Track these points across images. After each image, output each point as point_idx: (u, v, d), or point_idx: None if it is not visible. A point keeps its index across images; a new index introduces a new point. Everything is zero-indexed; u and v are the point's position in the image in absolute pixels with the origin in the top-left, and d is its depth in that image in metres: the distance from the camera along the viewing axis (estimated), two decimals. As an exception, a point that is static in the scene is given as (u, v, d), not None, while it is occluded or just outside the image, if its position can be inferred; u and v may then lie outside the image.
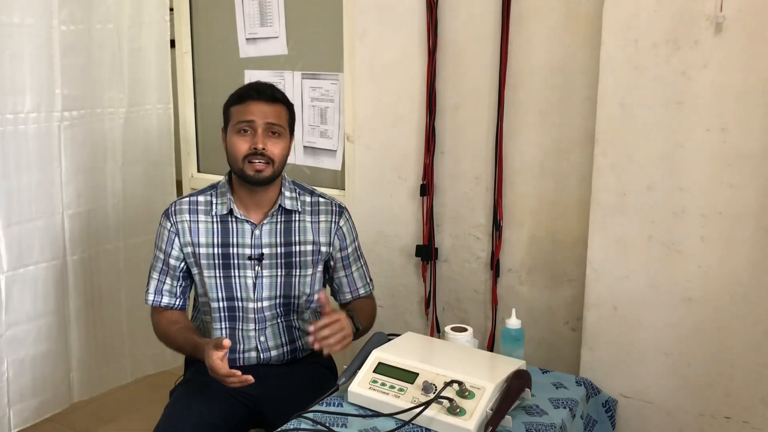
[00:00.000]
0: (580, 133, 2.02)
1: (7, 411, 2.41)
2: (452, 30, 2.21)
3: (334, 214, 1.99)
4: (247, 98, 1.87)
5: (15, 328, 2.42)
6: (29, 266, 2.45)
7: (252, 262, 1.92)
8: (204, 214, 1.93)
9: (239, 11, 2.77)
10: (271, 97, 1.88)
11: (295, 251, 1.94)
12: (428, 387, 1.59)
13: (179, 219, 1.93)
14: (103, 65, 2.63)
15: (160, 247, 1.95)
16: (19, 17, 2.32)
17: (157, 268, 1.96)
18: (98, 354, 2.75)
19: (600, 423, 1.89)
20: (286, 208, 1.94)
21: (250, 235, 1.92)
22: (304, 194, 1.99)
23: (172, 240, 1.93)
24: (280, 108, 1.90)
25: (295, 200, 1.96)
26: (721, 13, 1.62)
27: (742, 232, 1.68)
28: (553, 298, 2.16)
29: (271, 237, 1.93)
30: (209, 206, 1.93)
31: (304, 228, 1.96)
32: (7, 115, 2.32)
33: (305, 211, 1.97)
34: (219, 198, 1.93)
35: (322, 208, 1.99)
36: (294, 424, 1.57)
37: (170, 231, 1.93)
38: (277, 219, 1.94)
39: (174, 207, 1.95)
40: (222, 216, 1.92)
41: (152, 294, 1.96)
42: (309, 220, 1.97)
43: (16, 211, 2.38)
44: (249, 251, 1.91)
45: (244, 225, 1.92)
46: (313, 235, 1.96)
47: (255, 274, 1.92)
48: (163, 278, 1.95)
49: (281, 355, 1.98)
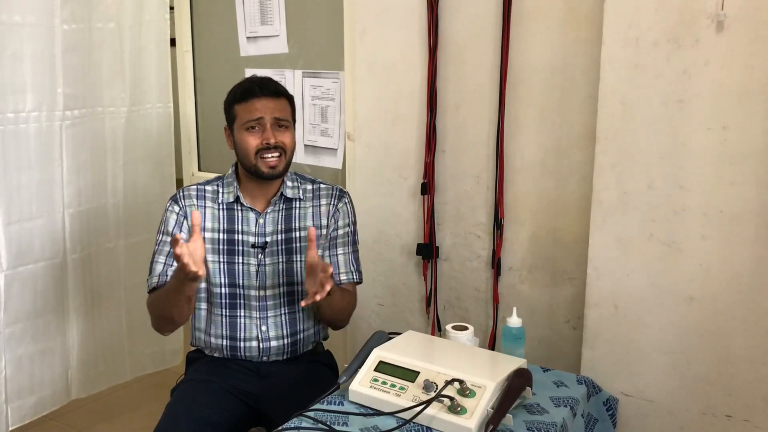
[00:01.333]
0: (581, 131, 2.02)
1: (5, 408, 2.42)
2: (453, 29, 2.20)
3: (334, 198, 2.02)
4: (251, 95, 1.90)
5: (14, 326, 2.43)
6: (29, 264, 2.45)
7: (255, 250, 1.94)
8: (211, 201, 1.97)
9: (240, 10, 2.77)
10: (275, 91, 1.92)
11: (295, 237, 1.97)
12: (429, 385, 1.59)
13: (187, 203, 1.96)
14: (104, 64, 2.63)
15: (167, 231, 1.95)
16: (21, 16, 2.32)
17: (164, 251, 1.94)
18: (97, 352, 2.75)
19: (601, 421, 1.89)
20: (287, 196, 1.97)
21: (254, 224, 1.95)
22: (305, 183, 2.03)
23: (181, 223, 1.95)
24: (284, 101, 1.94)
25: (296, 189, 1.99)
26: (722, 11, 1.61)
27: (743, 230, 1.68)
28: (554, 296, 2.16)
29: (274, 225, 1.96)
30: (216, 194, 1.97)
31: (305, 214, 1.98)
32: (8, 114, 2.32)
33: (306, 198, 2.00)
34: (225, 188, 1.98)
35: (323, 193, 2.02)
36: (295, 422, 1.57)
37: (179, 214, 1.95)
38: (279, 207, 1.97)
39: (182, 192, 1.98)
40: (228, 203, 1.96)
41: (157, 277, 1.92)
42: (310, 205, 2.00)
43: (16, 209, 2.38)
44: (253, 239, 1.94)
45: (249, 213, 1.95)
46: (313, 220, 1.98)
47: (258, 262, 1.94)
48: (170, 261, 1.92)
49: (281, 347, 1.98)
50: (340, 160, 2.61)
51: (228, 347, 1.97)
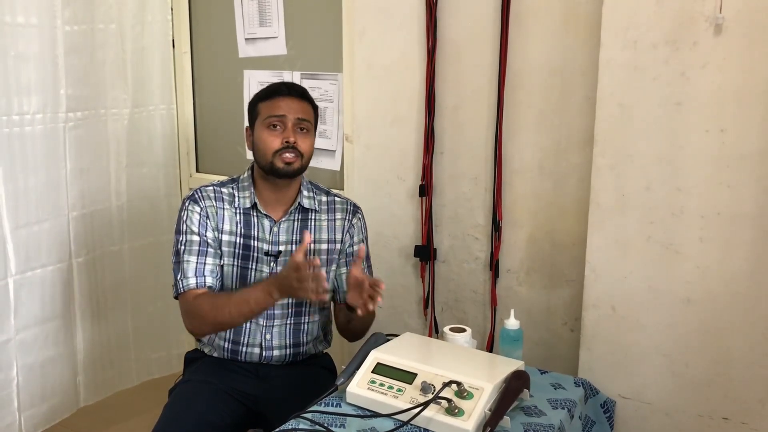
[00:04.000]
0: (579, 133, 2.02)
1: (18, 417, 2.40)
2: (451, 30, 2.21)
3: (349, 213, 2.02)
4: (277, 94, 1.91)
5: (24, 332, 2.41)
6: (37, 269, 2.44)
7: (268, 258, 1.93)
8: (228, 204, 1.95)
9: (238, 11, 2.77)
10: (301, 94, 1.94)
11: (310, 249, 1.95)
12: (427, 387, 1.59)
13: (207, 204, 1.93)
14: (107, 65, 2.63)
15: (192, 231, 1.91)
16: (23, 17, 2.31)
17: (194, 251, 1.90)
18: (104, 357, 2.74)
19: (598, 424, 1.89)
20: (304, 206, 1.96)
21: (269, 232, 1.94)
22: (321, 194, 2.02)
23: (205, 222, 1.92)
24: (308, 106, 1.94)
25: (312, 199, 1.99)
26: (720, 14, 1.62)
27: (741, 232, 1.68)
28: (552, 298, 2.16)
29: (289, 234, 1.95)
30: (232, 198, 1.95)
31: (320, 227, 1.98)
32: (14, 116, 2.31)
33: (322, 210, 2.00)
34: (241, 192, 1.96)
35: (338, 207, 2.02)
36: (292, 424, 1.57)
37: (200, 214, 1.92)
38: (295, 217, 1.96)
39: (200, 193, 1.95)
40: (245, 209, 1.94)
41: (193, 278, 1.88)
42: (325, 218, 2.00)
43: (23, 213, 2.37)
44: (267, 247, 1.94)
45: (264, 221, 1.94)
46: (328, 234, 1.99)
47: (270, 270, 1.93)
48: (202, 259, 1.90)
49: (283, 356, 1.98)
50: (338, 162, 2.61)
51: (230, 350, 1.96)
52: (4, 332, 2.34)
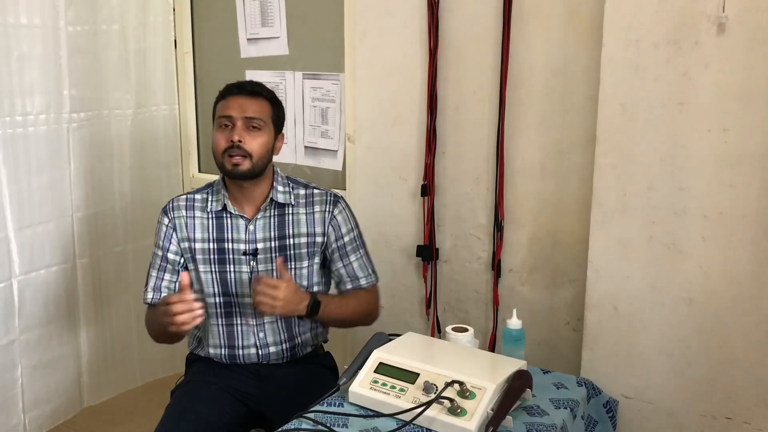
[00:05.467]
0: (581, 133, 2.02)
1: (23, 418, 2.40)
2: (453, 30, 2.21)
3: (329, 204, 1.99)
4: (228, 94, 1.91)
5: (28, 333, 2.42)
6: (41, 270, 2.44)
7: (247, 257, 1.93)
8: (200, 210, 1.96)
9: (240, 11, 2.77)
10: (251, 91, 1.90)
11: (289, 244, 1.95)
12: (429, 387, 1.59)
13: (176, 215, 1.95)
14: (110, 66, 2.63)
15: (158, 244, 1.97)
16: (27, 18, 2.32)
17: (156, 265, 1.97)
18: (107, 358, 2.75)
19: (601, 423, 1.88)
20: (278, 201, 1.95)
21: (244, 231, 1.93)
22: (298, 188, 2.00)
23: (170, 235, 1.95)
24: (261, 102, 1.90)
25: (288, 194, 1.97)
26: (723, 13, 1.61)
27: (743, 232, 1.68)
28: (554, 298, 2.16)
29: (265, 231, 1.94)
30: (205, 203, 1.96)
31: (298, 220, 1.96)
32: (17, 117, 2.32)
33: (299, 204, 1.97)
34: (214, 195, 1.96)
35: (316, 199, 1.99)
36: (295, 424, 1.57)
37: (167, 226, 1.95)
38: (270, 213, 1.95)
39: (171, 204, 1.98)
40: (217, 212, 1.95)
41: (151, 292, 1.96)
42: (303, 212, 1.97)
43: (27, 213, 2.37)
44: (244, 246, 1.93)
45: (239, 220, 1.94)
46: (307, 227, 1.97)
47: (250, 269, 1.93)
48: (161, 275, 1.96)
49: (280, 352, 1.98)
50: (340, 162, 2.61)
51: (227, 356, 1.97)
52: (8, 333, 2.35)
